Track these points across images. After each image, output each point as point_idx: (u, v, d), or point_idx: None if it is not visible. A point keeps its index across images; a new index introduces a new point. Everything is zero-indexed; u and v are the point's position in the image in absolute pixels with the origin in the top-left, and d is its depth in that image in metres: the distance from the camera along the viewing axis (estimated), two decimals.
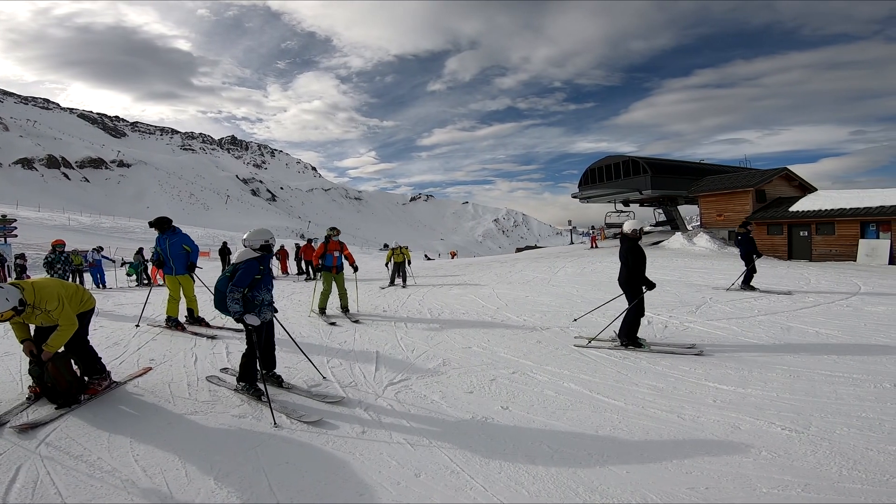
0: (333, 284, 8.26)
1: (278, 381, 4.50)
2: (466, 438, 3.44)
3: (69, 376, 3.97)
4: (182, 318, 7.08)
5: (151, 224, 7.03)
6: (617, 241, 30.39)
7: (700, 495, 2.66)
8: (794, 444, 3.21)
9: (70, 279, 9.55)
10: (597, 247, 28.39)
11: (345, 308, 8.21)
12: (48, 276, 8.99)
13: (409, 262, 14.20)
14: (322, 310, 8.03)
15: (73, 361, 4.12)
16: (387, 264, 14.09)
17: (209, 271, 12.71)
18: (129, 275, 16.86)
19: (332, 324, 7.32)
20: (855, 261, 18.41)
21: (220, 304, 4.20)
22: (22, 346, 4.00)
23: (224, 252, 20.49)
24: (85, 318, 4.23)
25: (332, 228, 8.48)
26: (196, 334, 6.48)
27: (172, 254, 6.87)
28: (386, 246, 17.24)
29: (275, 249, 4.76)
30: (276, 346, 4.70)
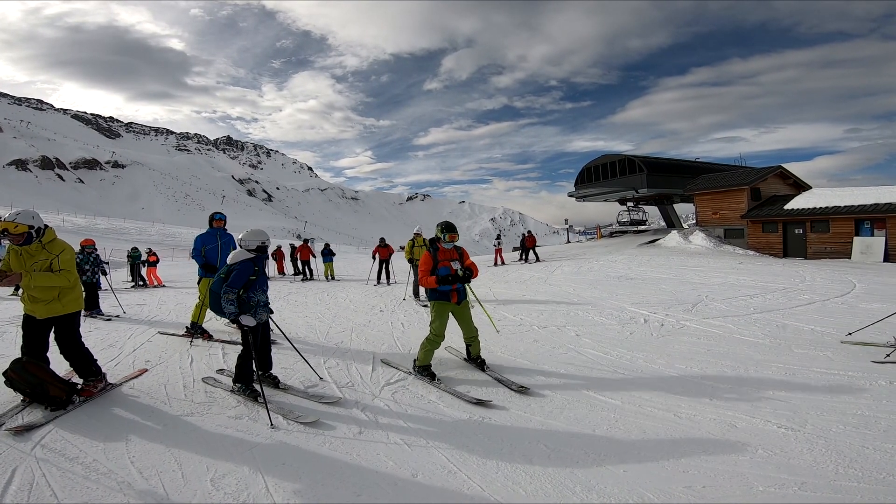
0: (449, 323, 4.89)
1: (275, 382, 4.48)
2: (464, 438, 3.43)
3: (33, 378, 3.85)
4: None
5: (214, 217, 6.62)
6: (613, 239, 30.12)
7: (697, 494, 2.66)
8: (790, 442, 3.23)
9: (98, 281, 9.10)
10: (503, 263, 20.03)
11: (477, 358, 5.01)
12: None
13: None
14: (425, 368, 4.72)
15: (39, 363, 3.99)
16: (410, 261, 10.35)
17: None
18: (136, 257, 16.67)
19: (480, 402, 4.04)
20: (850, 258, 18.53)
21: (216, 305, 4.18)
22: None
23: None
24: (74, 318, 4.18)
25: (446, 226, 4.93)
26: (232, 342, 6.14)
27: (224, 252, 6.40)
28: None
29: (270, 250, 4.68)
30: (273, 348, 4.68)
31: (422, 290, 9.90)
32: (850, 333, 5.93)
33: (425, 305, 9.00)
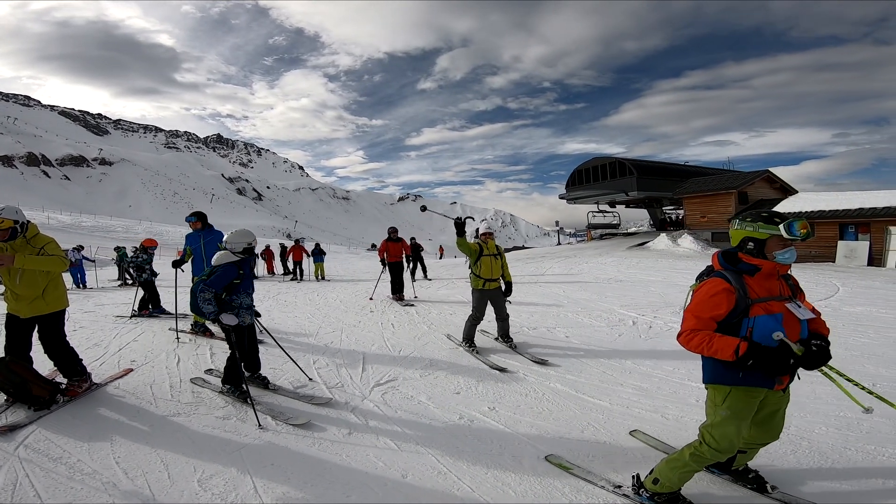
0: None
1: (264, 383, 4.45)
2: (453, 439, 3.44)
3: (16, 378, 3.78)
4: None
5: (191, 219, 6.63)
6: (603, 241, 30.17)
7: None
8: (773, 443, 3.26)
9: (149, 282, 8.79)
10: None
11: (749, 473, 2.80)
12: (137, 278, 8.65)
13: (510, 285, 6.03)
14: (674, 497, 2.58)
15: (22, 363, 3.93)
16: (477, 281, 5.87)
17: None
18: (122, 256, 16.24)
19: None
20: (834, 262, 18.80)
21: (195, 306, 4.13)
22: None
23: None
24: (59, 317, 4.13)
25: (766, 217, 2.25)
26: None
27: (208, 253, 6.43)
28: (374, 246, 12.32)
29: (259, 249, 4.62)
30: (262, 348, 4.65)
31: (485, 327, 6.25)
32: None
33: (500, 368, 5.09)
